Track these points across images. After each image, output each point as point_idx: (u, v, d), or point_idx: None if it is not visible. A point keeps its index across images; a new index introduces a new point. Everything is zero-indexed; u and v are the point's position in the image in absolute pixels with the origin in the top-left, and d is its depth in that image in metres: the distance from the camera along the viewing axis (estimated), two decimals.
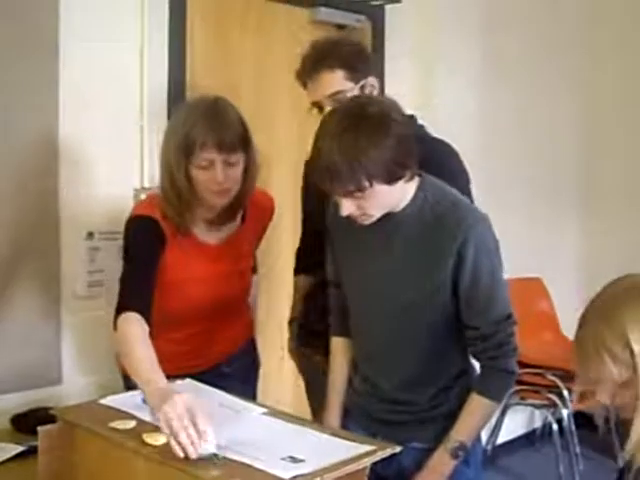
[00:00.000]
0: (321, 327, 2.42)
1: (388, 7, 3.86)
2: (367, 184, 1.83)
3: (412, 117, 2.61)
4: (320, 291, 2.54)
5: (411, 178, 1.95)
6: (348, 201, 1.89)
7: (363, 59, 2.43)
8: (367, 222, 1.96)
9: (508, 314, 2.01)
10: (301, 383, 2.86)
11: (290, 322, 2.85)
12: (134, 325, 2.02)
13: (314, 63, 2.39)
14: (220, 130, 2.16)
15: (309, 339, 2.74)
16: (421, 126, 2.59)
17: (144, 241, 2.25)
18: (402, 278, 2.00)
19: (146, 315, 2.06)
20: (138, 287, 2.14)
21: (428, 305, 1.99)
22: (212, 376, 2.30)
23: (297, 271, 2.81)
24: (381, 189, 1.86)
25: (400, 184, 1.91)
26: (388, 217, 1.98)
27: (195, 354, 2.44)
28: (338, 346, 2.26)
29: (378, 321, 2.07)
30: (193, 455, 1.64)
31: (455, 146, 2.54)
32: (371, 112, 1.85)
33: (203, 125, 2.15)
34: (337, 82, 2.36)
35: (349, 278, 2.15)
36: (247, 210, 2.41)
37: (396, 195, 1.94)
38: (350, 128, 1.83)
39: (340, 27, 3.66)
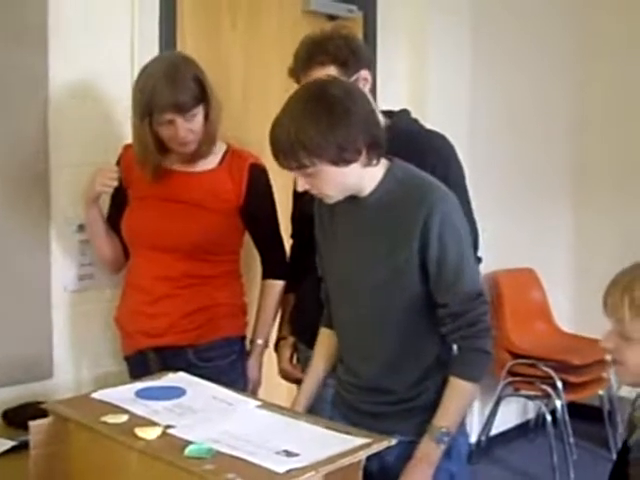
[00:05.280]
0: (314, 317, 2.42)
1: None
2: (308, 162, 1.88)
3: (405, 111, 2.61)
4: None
5: (369, 163, 1.96)
6: (300, 178, 1.95)
7: (354, 53, 2.44)
8: (329, 201, 2.02)
9: (478, 293, 2.01)
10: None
11: (277, 342, 2.82)
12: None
13: (305, 60, 2.42)
14: (176, 93, 2.38)
15: (303, 333, 2.73)
16: (415, 120, 2.60)
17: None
18: (371, 259, 2.03)
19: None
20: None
21: (398, 284, 2.00)
22: (177, 359, 2.42)
23: (286, 290, 2.78)
24: (329, 170, 1.91)
25: (354, 167, 1.93)
26: (356, 202, 2.03)
27: (160, 306, 2.53)
28: (323, 337, 2.30)
29: (353, 306, 2.09)
30: None
31: (448, 136, 2.53)
32: (329, 93, 1.90)
33: (161, 90, 2.37)
34: None
35: (327, 267, 2.20)
36: (226, 155, 2.61)
37: (352, 178, 1.96)
38: (302, 106, 1.90)
39: (332, 17, 3.63)
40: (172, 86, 2.38)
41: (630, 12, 4.91)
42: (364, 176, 1.98)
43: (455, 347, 2.04)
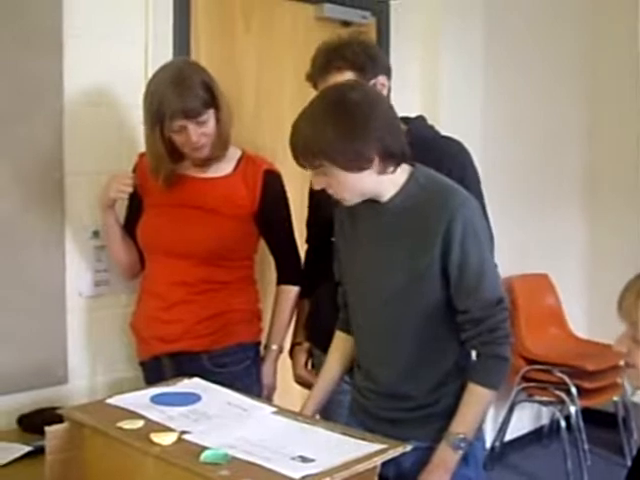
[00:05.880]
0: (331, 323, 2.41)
1: (393, 3, 3.86)
2: (318, 163, 1.91)
3: (421, 117, 2.61)
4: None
5: (384, 171, 1.95)
6: (316, 176, 1.97)
7: (372, 59, 2.44)
8: (346, 204, 2.04)
9: (499, 299, 2.00)
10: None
11: (292, 348, 2.83)
12: None
13: (323, 65, 2.43)
14: (184, 99, 2.39)
15: (319, 338, 2.73)
16: (431, 126, 2.60)
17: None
18: (391, 264, 2.02)
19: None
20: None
21: (418, 290, 2.00)
22: (192, 365, 2.43)
23: (301, 295, 2.79)
24: (341, 174, 1.92)
25: (368, 174, 1.93)
26: (377, 207, 2.03)
27: (176, 311, 2.54)
28: (338, 340, 2.29)
29: (372, 311, 2.09)
30: None
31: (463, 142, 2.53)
32: (348, 98, 1.91)
33: (169, 97, 2.38)
34: None
35: (347, 272, 2.19)
36: (241, 161, 2.62)
37: (367, 184, 1.97)
38: (321, 108, 1.92)
39: (345, 24, 3.64)
40: (180, 93, 2.39)
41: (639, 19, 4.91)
42: (382, 182, 1.98)
43: (474, 353, 2.03)
